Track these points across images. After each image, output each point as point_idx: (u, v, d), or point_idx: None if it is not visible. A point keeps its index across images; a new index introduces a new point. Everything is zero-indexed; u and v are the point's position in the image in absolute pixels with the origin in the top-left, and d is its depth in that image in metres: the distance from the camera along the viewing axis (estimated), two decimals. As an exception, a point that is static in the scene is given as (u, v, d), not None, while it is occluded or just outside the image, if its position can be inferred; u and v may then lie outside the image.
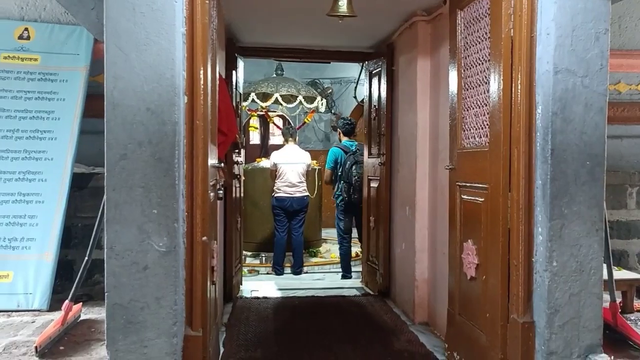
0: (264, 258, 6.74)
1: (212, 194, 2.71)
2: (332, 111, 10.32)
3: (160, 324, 2.22)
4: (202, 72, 2.40)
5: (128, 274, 2.20)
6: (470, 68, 2.99)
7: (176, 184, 2.23)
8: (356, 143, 6.06)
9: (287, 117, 9.70)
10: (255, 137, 10.49)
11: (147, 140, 2.21)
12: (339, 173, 5.97)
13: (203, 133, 2.42)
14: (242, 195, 5.55)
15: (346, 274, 6.04)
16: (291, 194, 6.11)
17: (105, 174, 2.20)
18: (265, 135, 9.77)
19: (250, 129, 8.59)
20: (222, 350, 3.55)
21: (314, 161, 6.80)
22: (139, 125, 2.21)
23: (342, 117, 7.10)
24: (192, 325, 2.39)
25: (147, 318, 2.22)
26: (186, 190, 2.35)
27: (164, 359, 2.23)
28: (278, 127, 9.52)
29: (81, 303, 3.00)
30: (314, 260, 6.94)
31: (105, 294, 2.20)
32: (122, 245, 2.20)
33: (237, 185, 5.09)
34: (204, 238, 2.44)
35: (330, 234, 7.85)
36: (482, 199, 2.83)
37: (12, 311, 3.04)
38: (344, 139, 6.13)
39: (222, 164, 3.46)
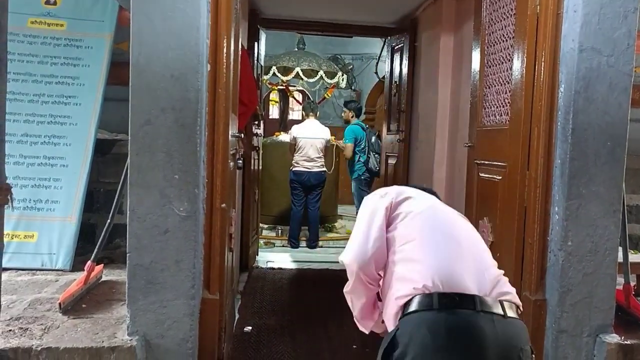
0: (280, 231, 6.82)
1: (231, 163, 2.75)
2: (352, 87, 10.27)
3: (179, 286, 2.29)
4: (225, 41, 2.43)
5: (149, 237, 2.26)
6: (493, 45, 2.96)
7: (198, 150, 2.27)
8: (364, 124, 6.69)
9: (307, 92, 9.68)
10: (274, 112, 10.51)
11: (170, 106, 2.25)
12: (364, 147, 6.35)
13: (225, 101, 2.45)
14: (260, 167, 5.60)
15: None
16: (309, 169, 6.15)
17: (129, 139, 2.25)
18: (284, 110, 9.79)
19: (270, 102, 8.60)
20: (237, 316, 3.65)
21: (333, 137, 6.83)
22: (162, 92, 2.24)
23: (352, 100, 7.49)
24: (209, 289, 2.46)
25: (166, 279, 2.28)
26: (207, 157, 2.39)
27: (182, 319, 2.30)
28: (298, 101, 9.52)
29: (102, 265, 3.08)
30: (330, 235, 7.00)
31: (127, 254, 2.27)
32: (144, 208, 2.26)
33: (256, 157, 5.14)
34: (223, 205, 2.49)
35: (346, 210, 7.90)
36: (500, 177, 2.83)
37: (36, 270, 3.14)
38: (355, 120, 6.57)
39: (242, 135, 3.50)
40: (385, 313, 1.68)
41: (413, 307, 1.52)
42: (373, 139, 6.44)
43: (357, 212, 6.40)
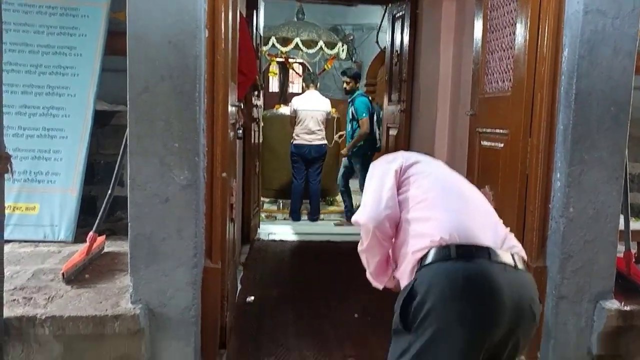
0: (281, 204, 6.83)
1: (231, 133, 2.73)
2: (353, 59, 10.15)
3: (181, 255, 2.29)
4: (223, 5, 2.38)
5: (150, 205, 2.25)
6: (496, 9, 2.91)
7: (197, 118, 2.25)
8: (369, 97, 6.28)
9: (307, 64, 9.58)
10: (274, 85, 10.42)
11: (168, 74, 2.21)
12: (375, 121, 5.98)
13: (224, 69, 2.42)
14: (260, 140, 5.57)
15: None
16: (309, 142, 6.11)
17: (128, 107, 2.22)
18: (284, 83, 9.71)
19: (270, 74, 8.52)
20: (239, 286, 3.67)
21: (333, 109, 6.77)
22: (160, 59, 2.20)
23: (348, 67, 6.96)
24: (211, 258, 2.46)
25: (168, 249, 2.28)
26: (206, 125, 2.37)
27: (185, 288, 2.31)
28: (298, 74, 9.42)
29: (105, 236, 3.09)
30: (331, 208, 7.01)
31: (129, 224, 2.26)
32: (144, 177, 2.24)
33: (256, 129, 5.11)
34: (224, 174, 2.48)
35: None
36: (502, 145, 2.82)
37: (39, 241, 3.14)
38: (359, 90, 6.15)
39: (242, 105, 3.47)
40: (400, 270, 1.72)
41: (430, 258, 1.56)
42: (381, 114, 6.05)
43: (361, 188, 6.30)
